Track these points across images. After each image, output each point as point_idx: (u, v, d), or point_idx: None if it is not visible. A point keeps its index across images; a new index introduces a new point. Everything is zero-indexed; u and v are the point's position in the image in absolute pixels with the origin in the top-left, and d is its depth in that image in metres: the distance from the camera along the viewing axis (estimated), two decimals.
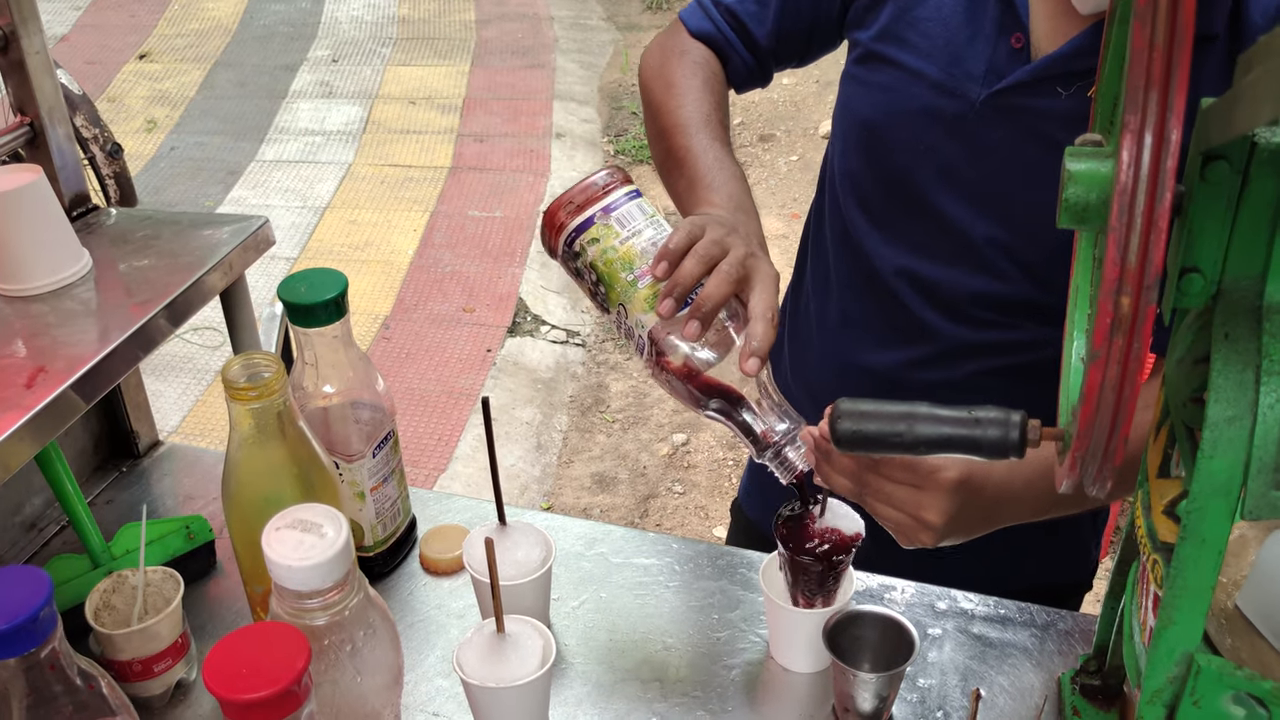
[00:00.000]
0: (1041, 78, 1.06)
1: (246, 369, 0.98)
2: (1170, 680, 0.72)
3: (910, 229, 1.17)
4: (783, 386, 1.32)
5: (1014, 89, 1.07)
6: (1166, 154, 0.52)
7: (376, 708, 0.85)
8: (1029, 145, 1.08)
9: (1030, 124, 1.07)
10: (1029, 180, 1.08)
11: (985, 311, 1.15)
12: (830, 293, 1.27)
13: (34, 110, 1.20)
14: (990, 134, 1.09)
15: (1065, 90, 1.05)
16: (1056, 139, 1.05)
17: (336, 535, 0.79)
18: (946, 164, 1.12)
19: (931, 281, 1.17)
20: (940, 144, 1.12)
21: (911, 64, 1.13)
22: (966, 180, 1.12)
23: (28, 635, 0.74)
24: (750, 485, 1.45)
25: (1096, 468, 0.62)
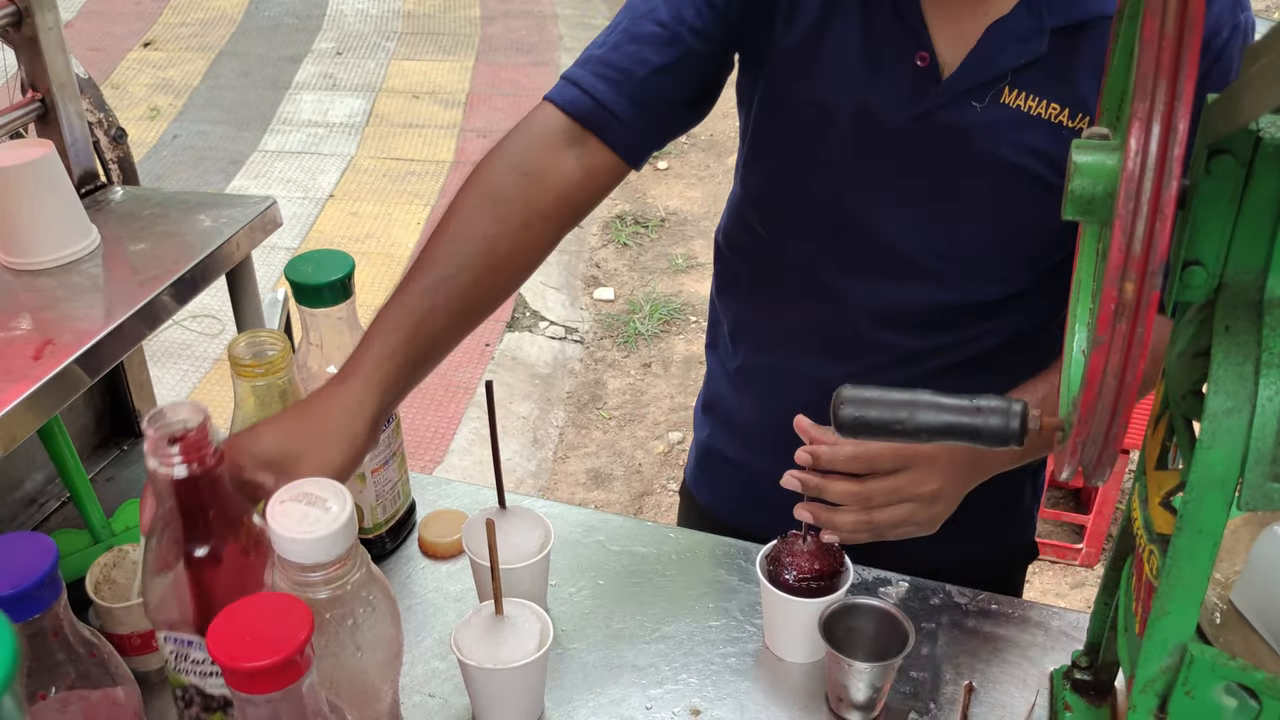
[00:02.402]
0: (954, 95, 1.05)
1: (252, 346, 0.98)
2: (1163, 670, 0.73)
3: (850, 251, 1.15)
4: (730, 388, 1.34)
5: (930, 111, 1.06)
6: (1174, 142, 0.53)
7: (376, 683, 0.86)
8: (954, 160, 1.08)
9: (949, 139, 1.07)
10: (960, 192, 1.09)
11: (933, 319, 1.17)
12: (772, 312, 1.25)
13: (45, 86, 1.20)
14: (912, 153, 1.09)
15: (980, 103, 1.05)
16: (978, 150, 1.06)
17: (340, 509, 0.79)
18: (877, 187, 1.12)
19: (875, 296, 1.16)
20: (868, 169, 1.11)
21: (824, 97, 1.09)
22: (900, 200, 1.11)
23: (33, 601, 0.74)
24: (696, 470, 1.47)
25: (1097, 453, 0.62)
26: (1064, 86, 1.03)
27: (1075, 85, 1.02)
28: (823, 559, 1.06)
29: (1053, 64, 1.03)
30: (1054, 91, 1.03)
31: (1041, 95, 1.03)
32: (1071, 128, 1.03)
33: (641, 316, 3.96)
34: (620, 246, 4.42)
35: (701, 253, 4.23)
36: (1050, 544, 2.92)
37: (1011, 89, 1.04)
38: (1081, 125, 1.03)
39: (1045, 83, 1.03)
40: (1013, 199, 1.08)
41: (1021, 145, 1.05)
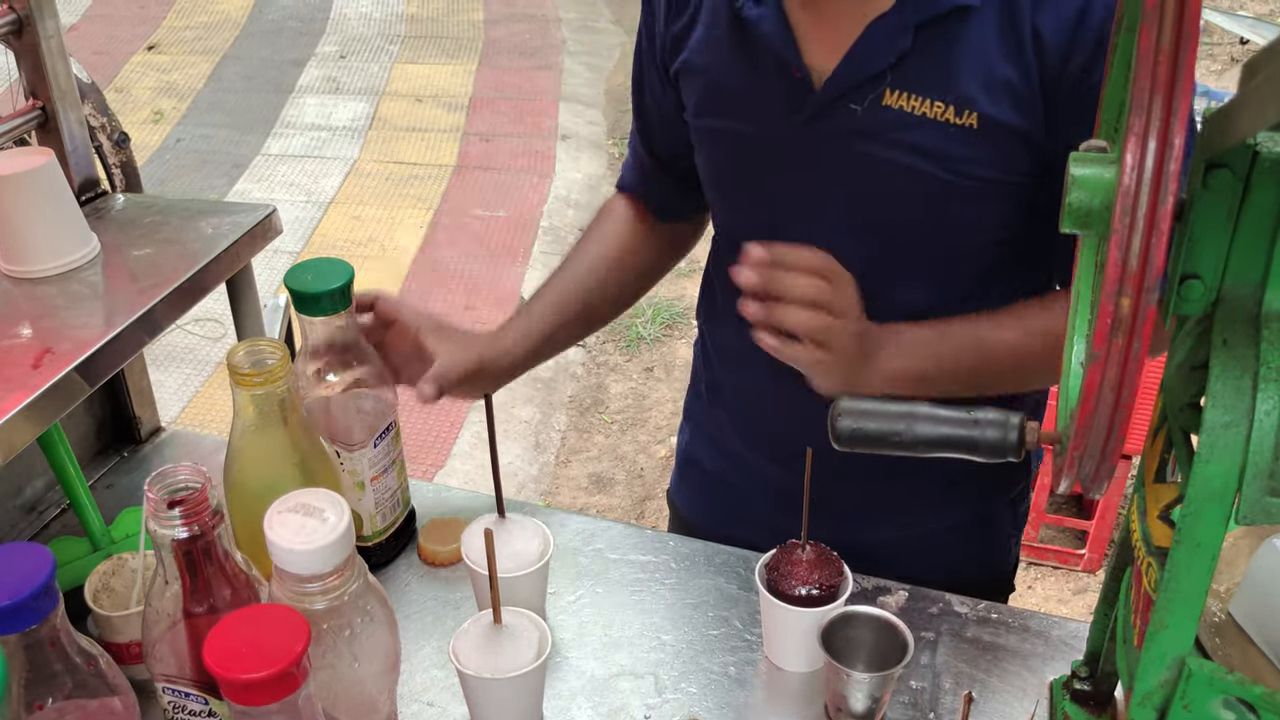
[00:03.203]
0: (829, 101, 1.06)
1: (251, 355, 0.98)
2: (1161, 684, 0.73)
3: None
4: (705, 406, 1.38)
5: (811, 121, 1.08)
6: (1170, 157, 0.53)
7: (373, 694, 0.86)
8: (845, 164, 1.08)
9: (838, 145, 1.08)
10: (858, 195, 1.10)
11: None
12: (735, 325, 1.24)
13: (46, 94, 1.20)
14: (810, 163, 1.10)
15: (859, 106, 1.05)
16: (866, 152, 1.07)
17: (338, 520, 0.79)
18: (789, 200, 1.14)
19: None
20: (777, 189, 1.14)
21: (727, 126, 1.15)
22: (809, 208, 1.13)
23: (29, 612, 0.74)
24: (677, 476, 1.48)
25: (1095, 466, 0.62)
26: (944, 83, 1.02)
27: (955, 81, 1.01)
28: (822, 568, 1.06)
29: (927, 61, 1.02)
30: (935, 89, 1.02)
31: (923, 94, 1.03)
32: (960, 124, 1.02)
33: (644, 320, 3.96)
34: None
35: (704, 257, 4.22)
36: (1052, 549, 2.92)
37: (892, 90, 1.04)
38: (970, 122, 1.02)
39: (924, 81, 1.02)
40: (911, 201, 1.08)
41: (908, 146, 1.05)
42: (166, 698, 0.87)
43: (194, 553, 0.80)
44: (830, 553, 1.08)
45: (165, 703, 0.87)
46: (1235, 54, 5.91)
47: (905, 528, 1.28)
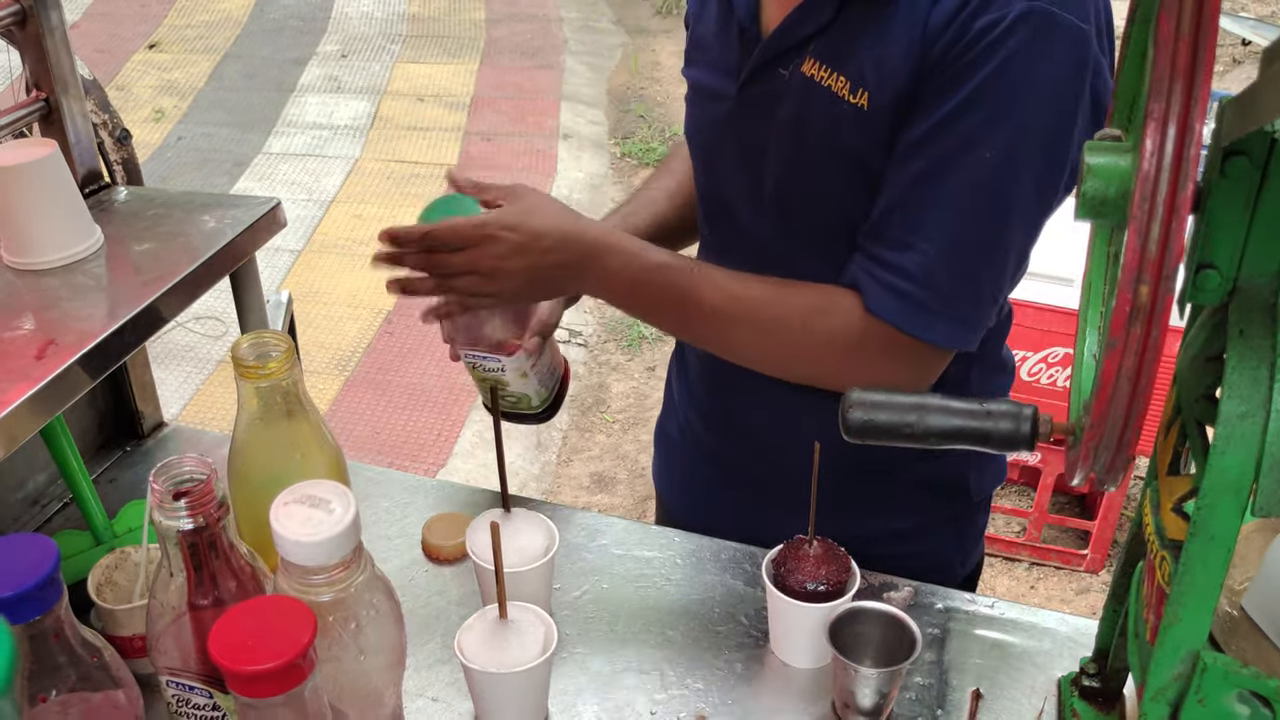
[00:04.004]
0: (764, 63, 1.08)
1: (256, 347, 0.98)
2: (1175, 678, 0.72)
3: (715, 231, 1.23)
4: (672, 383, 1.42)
5: (750, 80, 1.10)
6: (1190, 143, 0.53)
7: (378, 687, 0.85)
8: (766, 131, 1.10)
9: (766, 111, 1.09)
10: (773, 165, 1.11)
11: None
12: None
13: (49, 86, 1.20)
14: (747, 129, 1.12)
15: (786, 71, 1.07)
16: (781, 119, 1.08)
17: (344, 512, 0.79)
18: (724, 164, 1.17)
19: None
20: (722, 147, 1.17)
21: (697, 78, 1.19)
22: (738, 176, 1.15)
23: (34, 603, 0.74)
24: (655, 460, 1.49)
25: (1110, 458, 0.62)
26: (851, 60, 1.02)
27: (860, 60, 1.02)
28: (829, 563, 1.05)
29: (844, 36, 1.03)
30: (842, 64, 1.03)
31: (833, 67, 1.04)
32: (853, 103, 1.03)
33: None
34: None
35: None
36: (1055, 550, 2.91)
37: (812, 59, 1.05)
38: (862, 102, 1.02)
39: (837, 55, 1.03)
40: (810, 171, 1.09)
41: (813, 117, 1.06)
42: (170, 691, 0.86)
43: (199, 545, 0.79)
44: (838, 548, 1.07)
45: (169, 696, 0.87)
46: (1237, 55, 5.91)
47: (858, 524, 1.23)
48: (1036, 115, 0.95)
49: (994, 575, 2.93)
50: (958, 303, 1.03)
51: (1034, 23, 0.93)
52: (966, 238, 1.00)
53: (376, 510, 1.29)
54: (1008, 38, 0.93)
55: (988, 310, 1.05)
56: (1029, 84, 0.94)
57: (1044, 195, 1.01)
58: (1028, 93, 0.95)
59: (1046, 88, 0.95)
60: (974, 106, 0.95)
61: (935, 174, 0.99)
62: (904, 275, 1.02)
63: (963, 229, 1.00)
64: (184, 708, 0.87)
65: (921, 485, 1.23)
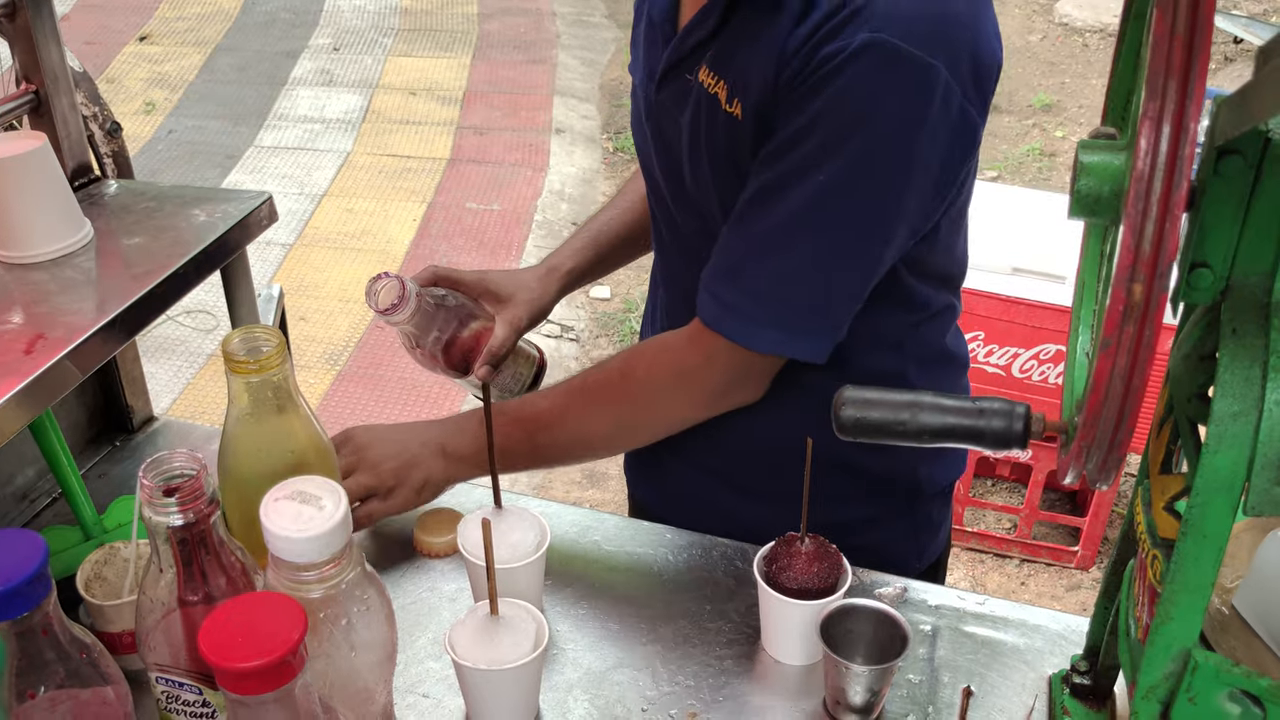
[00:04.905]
0: (670, 66, 1.10)
1: (246, 342, 0.97)
2: (1166, 676, 0.72)
3: (661, 232, 1.25)
4: None
5: (661, 83, 1.13)
6: (1184, 142, 0.53)
7: (369, 684, 0.85)
8: (671, 132, 1.13)
9: (672, 114, 1.12)
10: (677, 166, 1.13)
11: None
12: (653, 294, 1.37)
13: (39, 78, 1.19)
14: (660, 129, 1.16)
15: (691, 75, 1.08)
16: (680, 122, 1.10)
17: (335, 508, 0.78)
18: (655, 163, 1.19)
19: (671, 278, 1.25)
20: (645, 146, 1.21)
21: (634, 81, 1.23)
22: (664, 176, 1.18)
23: (22, 598, 0.73)
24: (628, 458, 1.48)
25: (1102, 457, 0.62)
26: (733, 69, 1.04)
27: (740, 69, 1.03)
28: (820, 561, 1.05)
29: (730, 45, 1.04)
30: (726, 73, 1.05)
31: (719, 75, 1.05)
32: (729, 112, 1.04)
33: (637, 315, 3.95)
34: None
35: None
36: (1046, 546, 2.92)
37: (705, 66, 1.06)
38: (735, 111, 1.03)
39: (722, 63, 1.05)
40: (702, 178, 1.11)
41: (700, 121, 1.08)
42: (160, 687, 0.86)
43: (189, 540, 0.79)
44: (829, 545, 1.07)
45: (159, 692, 0.86)
46: (1229, 53, 5.92)
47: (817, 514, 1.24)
48: (875, 142, 0.96)
49: (984, 572, 2.93)
50: (784, 312, 1.05)
51: (876, 54, 0.93)
52: (795, 253, 1.03)
53: None
54: (848, 66, 0.94)
55: (820, 322, 1.06)
56: (868, 113, 0.96)
57: (886, 218, 1.02)
58: (866, 121, 0.96)
59: (888, 118, 0.96)
60: (812, 131, 0.98)
61: (771, 191, 1.02)
62: (731, 284, 1.06)
63: (790, 245, 1.02)
64: (173, 704, 0.86)
65: (869, 478, 1.23)
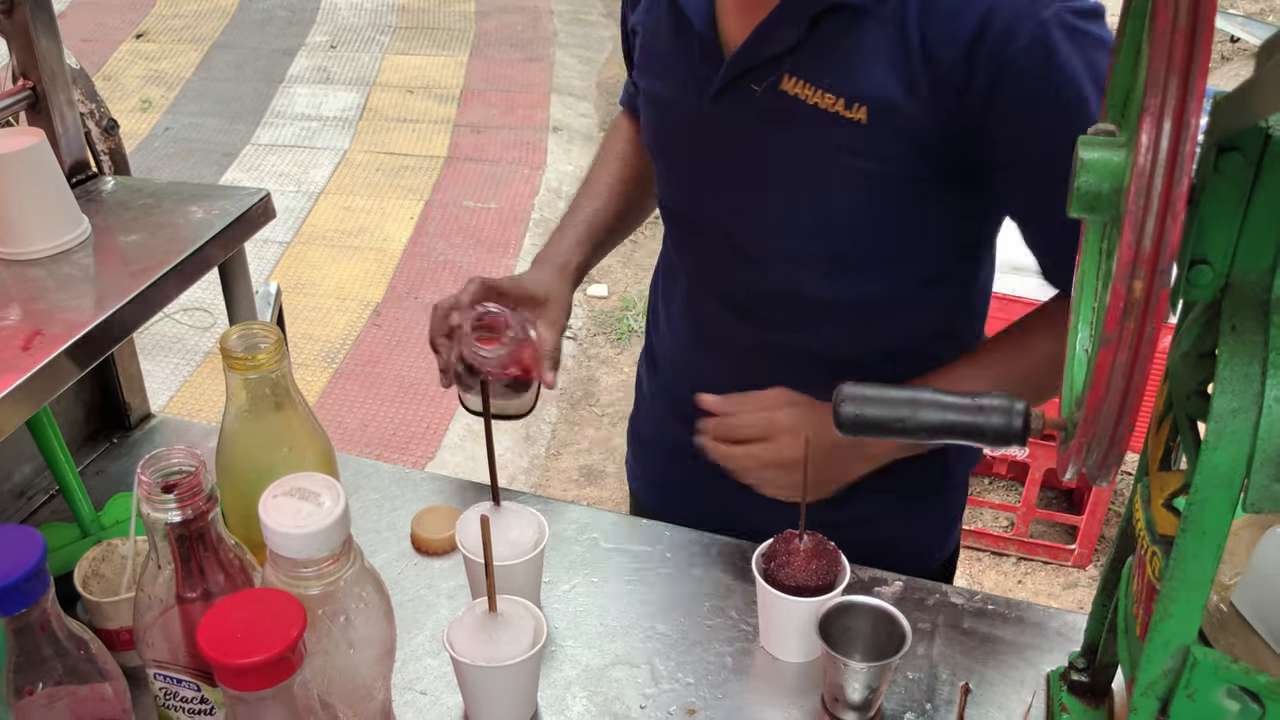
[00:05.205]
0: (732, 79, 1.08)
1: (245, 339, 0.97)
2: (1165, 673, 0.72)
3: (695, 239, 1.22)
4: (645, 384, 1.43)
5: (718, 96, 1.10)
6: (1186, 138, 0.52)
7: (368, 681, 0.85)
8: (748, 146, 1.10)
9: (738, 125, 1.10)
10: (759, 179, 1.11)
11: (773, 311, 1.18)
12: (665, 298, 1.34)
13: (36, 74, 1.19)
14: (715, 141, 1.12)
15: (759, 87, 1.07)
16: (765, 136, 1.08)
17: (334, 504, 0.78)
18: (695, 175, 1.17)
19: (719, 285, 1.21)
20: (687, 158, 1.18)
21: (651, 89, 1.19)
22: (712, 187, 1.15)
23: (20, 595, 0.73)
24: (628, 451, 1.50)
25: (1102, 454, 0.62)
26: (838, 76, 1.03)
27: (849, 75, 1.02)
28: (819, 558, 1.05)
29: (823, 52, 1.03)
30: (829, 81, 1.03)
31: (817, 84, 1.04)
32: (850, 118, 1.03)
33: (635, 313, 3.95)
34: None
35: None
36: (1042, 544, 2.92)
37: (790, 76, 1.05)
38: (859, 117, 1.02)
39: (819, 72, 1.03)
40: (800, 188, 1.09)
41: (800, 133, 1.06)
42: (158, 684, 0.86)
43: (188, 537, 0.79)
44: (827, 543, 1.07)
45: (157, 689, 0.86)
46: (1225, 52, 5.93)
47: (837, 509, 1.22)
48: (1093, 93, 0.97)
49: (981, 570, 2.93)
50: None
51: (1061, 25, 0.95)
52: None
53: (365, 503, 1.29)
54: (1048, 52, 0.95)
55: None
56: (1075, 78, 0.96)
57: None
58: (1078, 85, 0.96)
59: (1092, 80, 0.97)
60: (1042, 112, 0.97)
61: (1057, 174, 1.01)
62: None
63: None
64: (172, 700, 0.86)
65: (903, 469, 1.23)
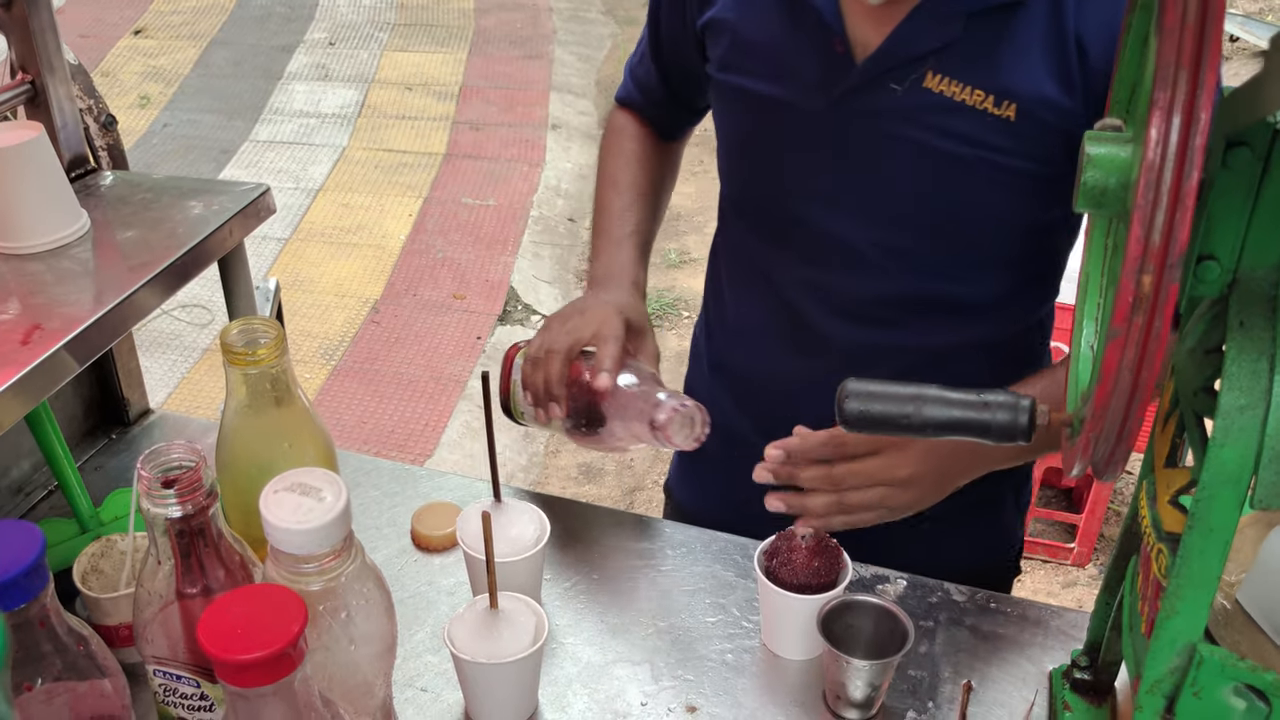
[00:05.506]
0: (870, 78, 1.06)
1: (245, 334, 0.97)
2: (1171, 671, 0.72)
3: (793, 241, 1.19)
4: (708, 387, 1.35)
5: (848, 94, 1.07)
6: (1195, 132, 0.52)
7: (368, 677, 0.84)
8: (879, 146, 1.08)
9: (874, 125, 1.08)
10: (887, 179, 1.10)
11: (878, 311, 1.17)
12: (740, 304, 1.29)
13: (35, 68, 1.18)
14: (840, 141, 1.10)
15: (900, 86, 1.05)
16: (902, 135, 1.07)
17: (335, 500, 0.78)
18: (808, 177, 1.14)
19: (821, 287, 1.18)
20: (797, 159, 1.14)
21: (753, 87, 1.14)
22: (830, 189, 1.13)
23: (19, 590, 0.73)
24: (678, 467, 1.47)
25: (1110, 449, 0.61)
26: (987, 73, 1.02)
27: (998, 72, 1.01)
28: (821, 556, 1.05)
29: (972, 49, 1.02)
30: (977, 78, 1.02)
31: (965, 81, 1.03)
32: (998, 115, 1.02)
33: None
34: None
35: (694, 248, 4.22)
36: (1042, 543, 2.92)
37: (935, 74, 1.03)
38: (1009, 114, 1.02)
39: (967, 68, 1.02)
40: (939, 186, 1.08)
41: (946, 130, 1.05)
42: (158, 680, 0.85)
43: (188, 532, 0.78)
44: (830, 540, 1.07)
45: (156, 685, 0.86)
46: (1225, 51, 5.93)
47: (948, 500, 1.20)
48: None
49: None
50: None
51: None
52: None
53: (365, 499, 1.28)
54: None
55: None
56: None
57: None
58: None
59: None
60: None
61: None
62: None
63: None
64: (171, 697, 0.86)
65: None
